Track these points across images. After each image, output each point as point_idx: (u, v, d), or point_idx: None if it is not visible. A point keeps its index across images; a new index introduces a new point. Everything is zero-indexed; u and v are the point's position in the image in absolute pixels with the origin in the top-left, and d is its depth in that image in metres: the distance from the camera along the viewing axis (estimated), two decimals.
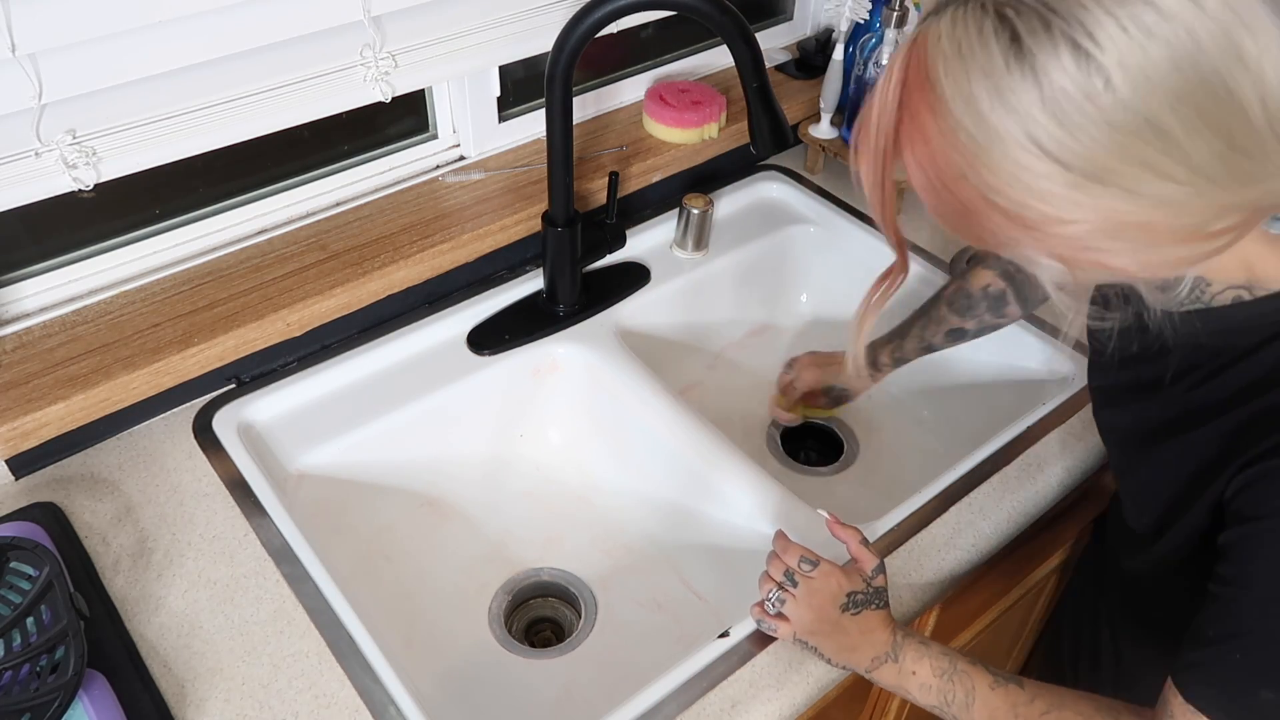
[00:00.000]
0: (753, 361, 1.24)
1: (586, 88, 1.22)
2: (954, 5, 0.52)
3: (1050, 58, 0.48)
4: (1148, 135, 0.49)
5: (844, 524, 0.79)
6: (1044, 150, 0.50)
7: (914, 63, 0.53)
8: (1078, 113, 0.48)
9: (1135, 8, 0.48)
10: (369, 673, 0.76)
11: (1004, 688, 0.72)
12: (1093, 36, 0.48)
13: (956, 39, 0.51)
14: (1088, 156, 0.49)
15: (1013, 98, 0.49)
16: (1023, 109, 0.49)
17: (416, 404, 0.99)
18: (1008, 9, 0.49)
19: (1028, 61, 0.49)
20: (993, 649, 1.21)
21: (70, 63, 0.77)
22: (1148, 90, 0.48)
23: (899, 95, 0.55)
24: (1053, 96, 0.49)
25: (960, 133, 0.52)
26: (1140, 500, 0.75)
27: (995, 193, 0.52)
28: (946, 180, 0.54)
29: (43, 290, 0.93)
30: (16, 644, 0.68)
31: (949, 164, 0.53)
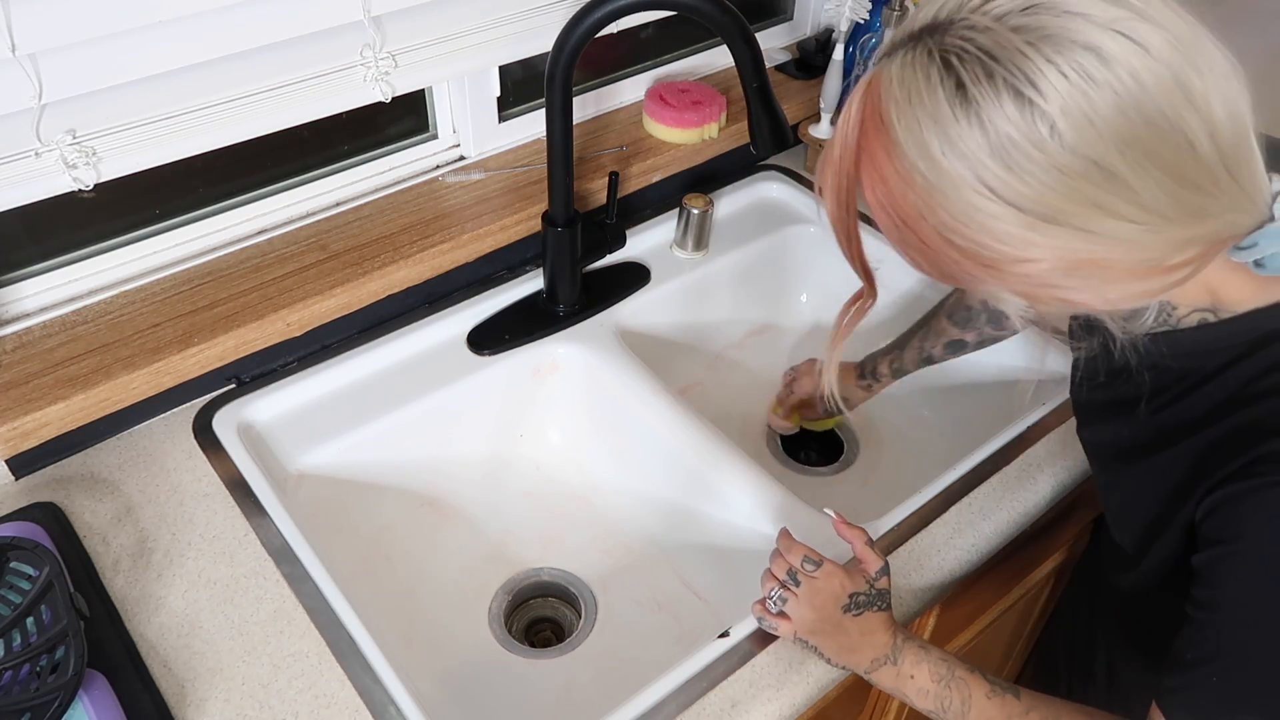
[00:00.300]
0: (753, 361, 1.24)
1: (586, 88, 1.22)
2: (904, 49, 0.53)
3: (994, 106, 0.50)
4: (1096, 177, 0.50)
5: (850, 524, 0.79)
6: (995, 193, 0.51)
7: (870, 104, 0.55)
8: (1025, 159, 0.50)
9: (1077, 54, 0.49)
10: (369, 673, 0.76)
11: (1000, 697, 0.73)
12: (1035, 85, 0.49)
13: (906, 84, 0.52)
14: (1038, 199, 0.50)
15: (961, 144, 0.51)
16: (971, 154, 0.51)
17: (416, 404, 0.99)
18: (952, 56, 0.51)
19: (973, 110, 0.50)
20: (992, 650, 1.21)
21: (70, 63, 0.77)
22: (1092, 135, 0.49)
23: (857, 136, 0.56)
24: (999, 143, 0.50)
25: (915, 175, 0.53)
26: (1120, 519, 0.76)
27: (953, 233, 0.54)
28: (906, 220, 0.56)
29: (43, 290, 0.93)
30: (16, 644, 0.68)
31: (907, 204, 0.55)
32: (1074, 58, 0.49)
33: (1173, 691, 0.64)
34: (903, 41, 0.54)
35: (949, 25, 0.52)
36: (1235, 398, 0.62)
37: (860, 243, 0.62)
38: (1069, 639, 1.04)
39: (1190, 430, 0.65)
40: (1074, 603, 1.07)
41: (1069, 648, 1.03)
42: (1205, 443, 0.64)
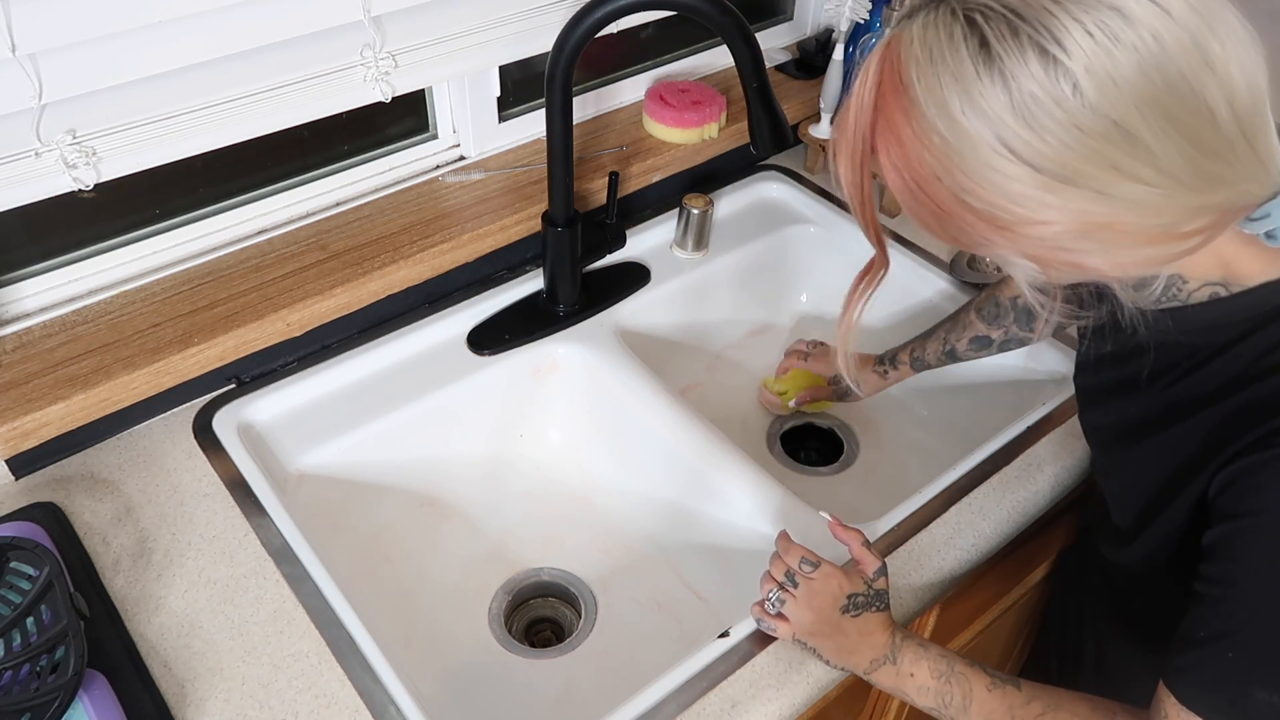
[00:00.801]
0: (753, 361, 1.24)
1: (586, 88, 1.22)
2: (926, 9, 0.53)
3: (1018, 63, 0.50)
4: (1115, 138, 0.50)
5: (846, 526, 0.79)
6: (1014, 153, 0.51)
7: (888, 66, 0.55)
8: (1046, 117, 0.50)
9: (1102, 14, 0.49)
10: (369, 673, 0.76)
11: (1001, 689, 0.73)
12: (1060, 42, 0.49)
13: (928, 44, 0.52)
14: (1057, 159, 0.51)
15: (983, 102, 0.51)
16: (993, 113, 0.51)
17: (416, 404, 0.99)
18: (976, 14, 0.51)
19: (996, 67, 0.50)
20: (992, 649, 1.21)
21: (70, 63, 0.77)
22: (1115, 95, 0.49)
23: (874, 98, 0.56)
24: (1021, 101, 0.50)
25: (933, 135, 0.53)
26: (1123, 499, 0.76)
27: (969, 194, 0.53)
28: (921, 182, 0.55)
29: (43, 290, 0.93)
30: (16, 644, 0.68)
31: (923, 166, 0.54)
32: (1099, 16, 0.49)
33: (1183, 670, 0.63)
34: (924, 3, 0.54)
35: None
36: (1248, 372, 0.62)
37: (874, 208, 0.62)
38: (1059, 623, 1.04)
39: (1201, 405, 0.65)
40: (1064, 588, 1.07)
41: (1059, 631, 1.04)
42: (1218, 417, 0.64)
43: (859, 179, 0.59)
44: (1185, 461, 0.66)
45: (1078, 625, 0.98)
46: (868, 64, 0.56)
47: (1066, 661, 1.00)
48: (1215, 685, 0.62)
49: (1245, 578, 0.60)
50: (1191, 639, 0.63)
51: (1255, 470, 0.60)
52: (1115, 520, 0.78)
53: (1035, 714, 0.71)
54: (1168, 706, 0.64)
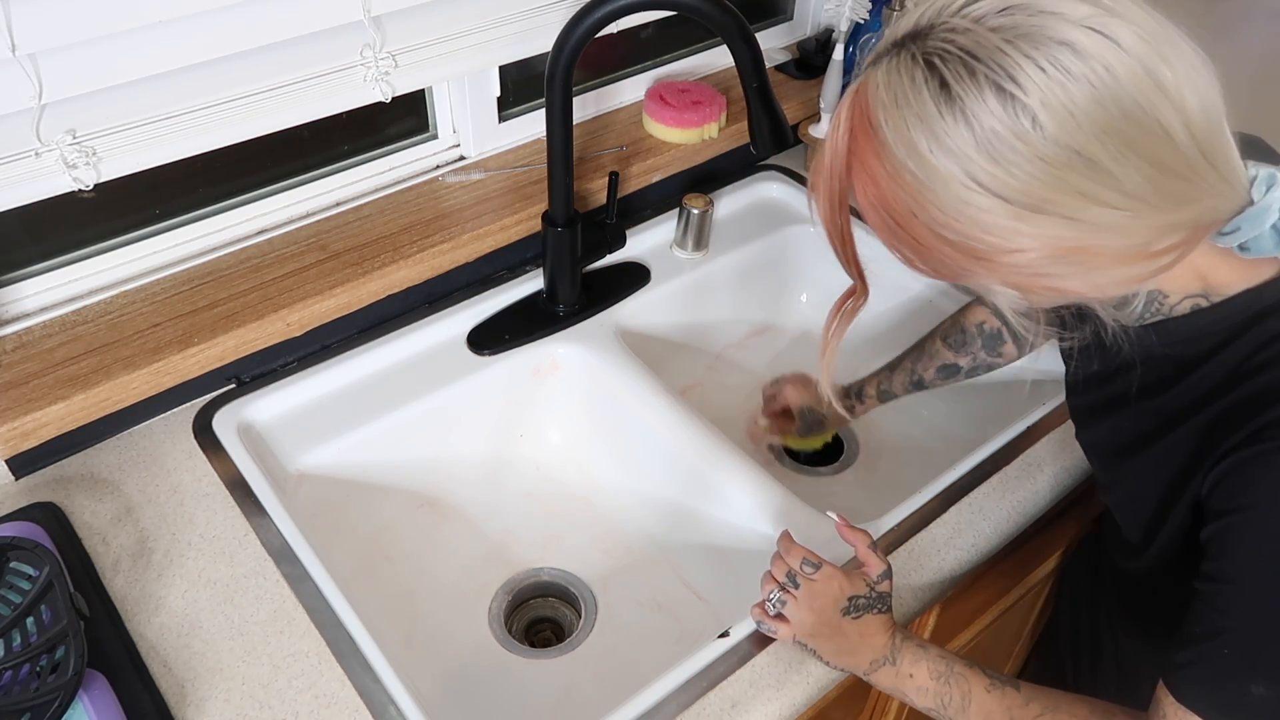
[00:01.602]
0: (753, 362, 1.24)
1: (586, 88, 1.22)
2: (888, 55, 0.56)
3: (978, 102, 0.52)
4: (1078, 166, 0.52)
5: (853, 527, 0.79)
6: (983, 186, 0.53)
7: (858, 110, 0.57)
8: (1010, 150, 0.52)
9: (1053, 50, 0.51)
10: (369, 673, 0.76)
11: (1000, 690, 0.73)
12: (1014, 79, 0.51)
13: (892, 87, 0.55)
14: (1024, 190, 0.53)
15: (948, 140, 0.53)
16: (959, 150, 0.53)
17: (416, 404, 0.99)
18: (935, 58, 0.53)
19: (957, 106, 0.52)
20: (992, 649, 1.21)
21: (70, 63, 0.77)
22: (1073, 125, 0.51)
23: (847, 141, 0.58)
24: (985, 137, 0.52)
25: (905, 174, 0.55)
26: (1128, 512, 0.76)
27: (944, 228, 0.56)
28: (898, 218, 0.58)
29: (43, 290, 0.93)
30: (16, 644, 0.68)
31: (898, 203, 0.57)
32: (1050, 52, 0.51)
33: (1182, 667, 0.64)
34: (886, 49, 0.56)
35: (930, 30, 0.54)
36: (1234, 374, 0.63)
37: (854, 244, 0.64)
38: (1071, 625, 1.04)
39: (1191, 411, 0.66)
40: (1073, 590, 1.07)
41: (1072, 633, 1.03)
42: (1207, 420, 0.64)
43: (837, 218, 0.62)
44: (1182, 468, 0.66)
45: (1093, 628, 0.97)
46: (839, 110, 0.59)
47: (1083, 663, 0.99)
48: (1213, 682, 0.62)
49: (1239, 573, 0.61)
50: (1189, 636, 0.63)
51: (1244, 465, 0.60)
52: (1125, 534, 0.78)
53: (1034, 715, 0.71)
54: (1166, 705, 0.64)
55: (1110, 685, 0.93)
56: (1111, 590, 0.93)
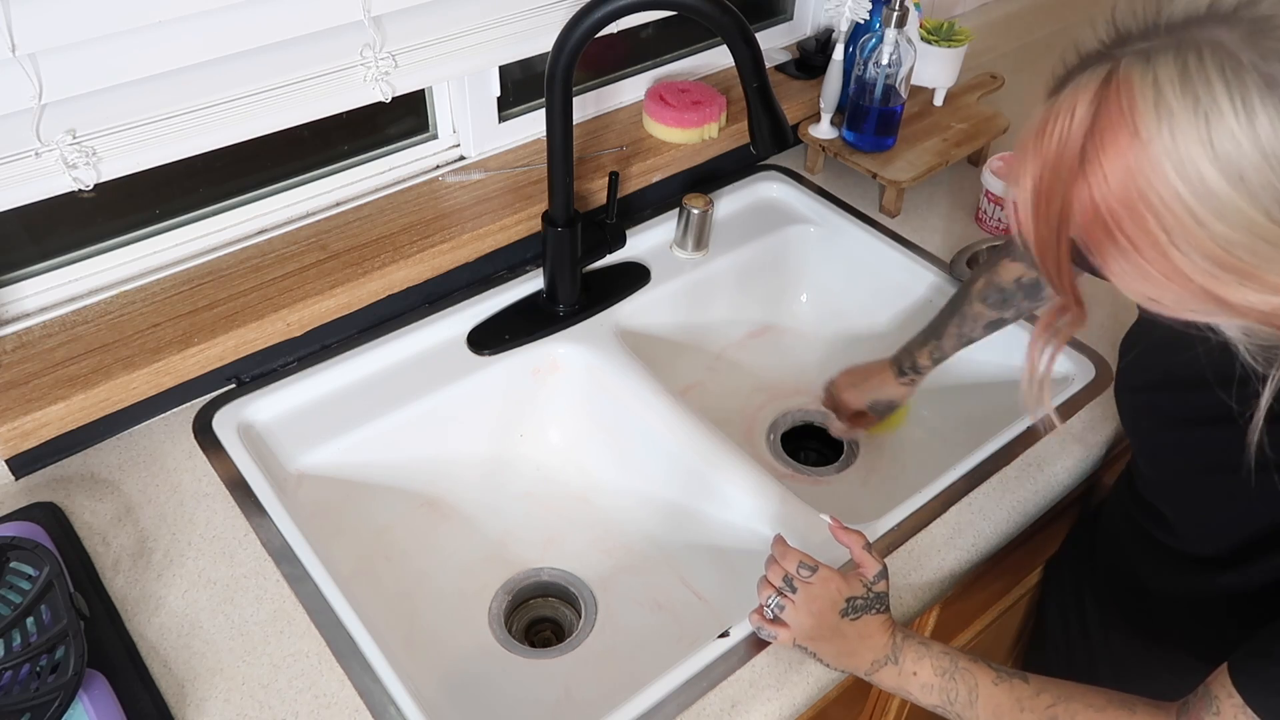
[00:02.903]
0: (753, 362, 1.24)
1: (586, 88, 1.22)
2: (1176, 50, 0.44)
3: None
4: None
5: (847, 528, 0.79)
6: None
7: (1113, 108, 0.46)
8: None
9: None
10: (369, 673, 0.76)
11: (1008, 683, 0.72)
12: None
13: (1193, 97, 0.43)
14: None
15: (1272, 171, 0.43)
16: None
17: (416, 404, 0.99)
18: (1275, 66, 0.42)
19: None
20: (993, 649, 1.21)
21: (70, 63, 0.77)
22: None
23: (1082, 141, 0.48)
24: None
25: (1175, 197, 0.45)
26: (1209, 528, 0.73)
27: (1219, 269, 0.46)
28: (1136, 243, 0.48)
29: (43, 290, 0.93)
30: (16, 644, 0.68)
31: (1146, 226, 0.47)
32: None
33: (1268, 680, 0.62)
34: (1159, 36, 0.45)
35: (1251, 22, 0.43)
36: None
37: (1071, 271, 0.54)
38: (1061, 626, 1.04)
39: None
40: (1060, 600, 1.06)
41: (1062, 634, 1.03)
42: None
43: (1054, 240, 0.51)
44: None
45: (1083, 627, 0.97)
46: (1070, 99, 0.48)
47: (1078, 661, 0.99)
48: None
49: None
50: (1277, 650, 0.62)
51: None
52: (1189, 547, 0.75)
53: (1045, 705, 0.70)
54: (1226, 704, 0.62)
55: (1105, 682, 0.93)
56: (1104, 585, 0.93)
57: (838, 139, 1.27)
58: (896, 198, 1.23)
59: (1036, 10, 1.64)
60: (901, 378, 1.07)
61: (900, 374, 1.07)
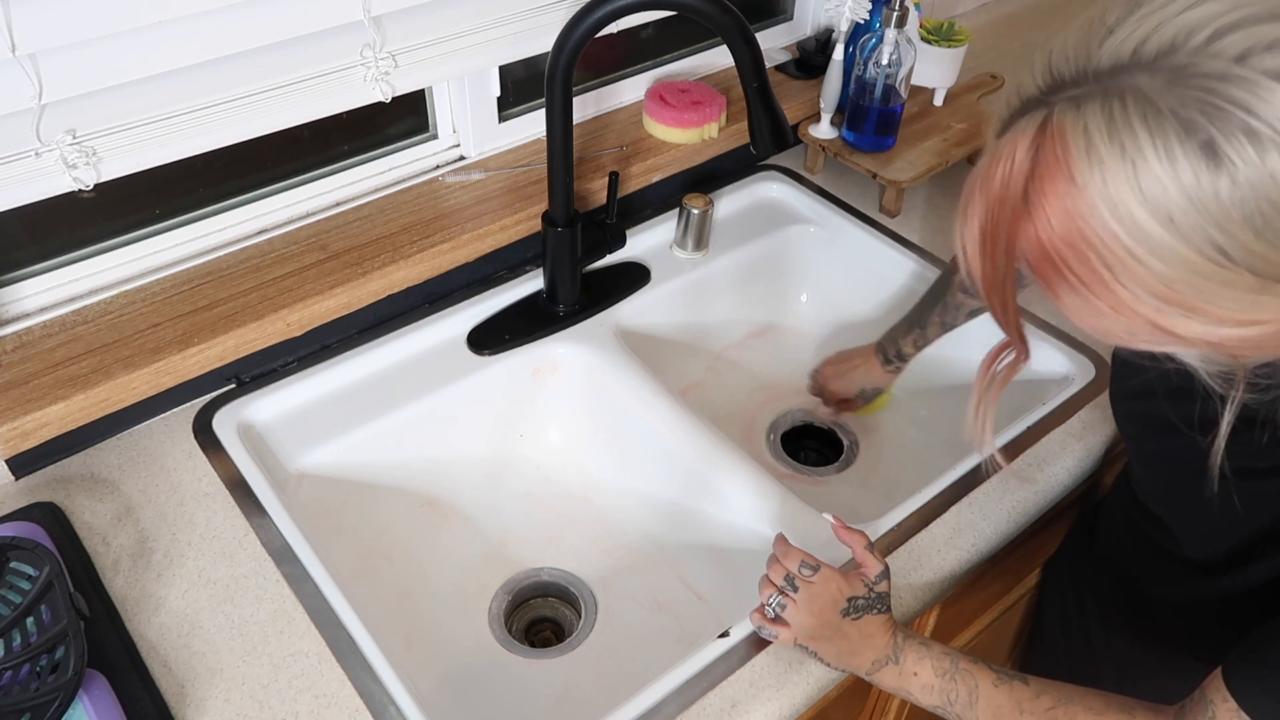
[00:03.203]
0: (753, 362, 1.24)
1: (586, 88, 1.22)
2: (1102, 97, 0.46)
3: (1257, 169, 0.43)
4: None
5: (849, 528, 0.79)
6: (1234, 262, 0.45)
7: (1049, 154, 0.47)
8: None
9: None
10: (369, 673, 0.76)
11: (1008, 684, 0.72)
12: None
13: (1118, 139, 0.45)
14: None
15: (1204, 212, 0.44)
16: (1217, 222, 0.44)
17: (417, 404, 0.99)
18: (1193, 111, 0.43)
19: (1226, 173, 0.43)
20: (993, 650, 1.21)
21: (70, 63, 0.77)
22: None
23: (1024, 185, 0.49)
24: (1256, 209, 0.43)
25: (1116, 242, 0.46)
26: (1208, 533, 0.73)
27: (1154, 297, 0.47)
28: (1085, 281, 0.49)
29: (43, 290, 0.93)
30: (16, 644, 0.68)
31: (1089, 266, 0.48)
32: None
33: (1260, 680, 0.62)
34: (1089, 83, 0.46)
35: (1170, 71, 0.44)
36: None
37: (1017, 308, 0.55)
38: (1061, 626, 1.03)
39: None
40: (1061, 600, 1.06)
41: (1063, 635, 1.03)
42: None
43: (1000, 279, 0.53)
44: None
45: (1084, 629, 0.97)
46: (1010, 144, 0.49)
47: (1078, 663, 0.99)
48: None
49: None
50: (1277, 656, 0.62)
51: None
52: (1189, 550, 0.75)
53: (1045, 708, 0.70)
54: (1221, 709, 0.63)
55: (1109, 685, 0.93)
56: (1106, 591, 0.93)
57: (838, 139, 1.27)
58: (896, 198, 1.23)
59: (1036, 10, 1.64)
60: (887, 365, 1.09)
61: (886, 362, 1.09)
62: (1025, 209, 0.49)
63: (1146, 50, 0.45)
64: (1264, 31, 0.43)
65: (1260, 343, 0.48)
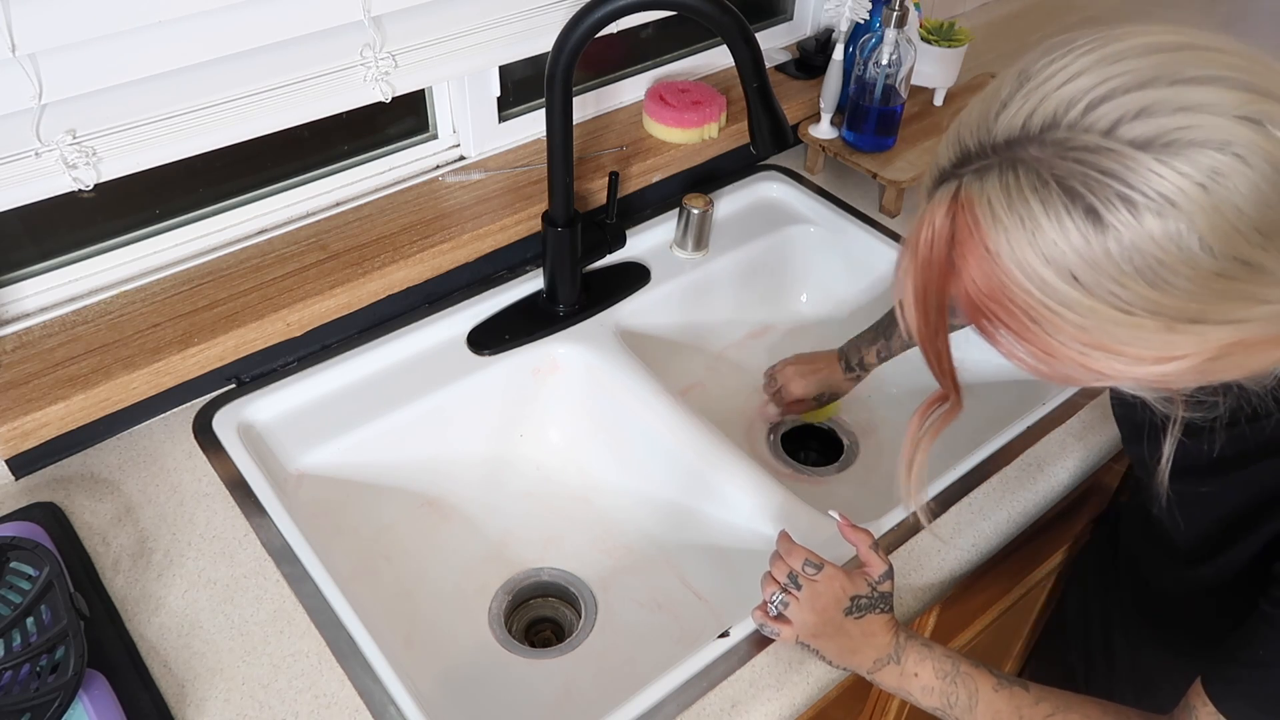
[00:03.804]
0: (753, 362, 1.24)
1: (586, 88, 1.22)
2: (998, 167, 0.49)
3: (1136, 231, 0.46)
4: (1243, 274, 0.47)
5: (855, 526, 0.79)
6: (1139, 310, 0.48)
7: (963, 226, 0.51)
8: (1172, 275, 0.47)
9: (1210, 157, 0.45)
10: (369, 673, 0.76)
11: (1008, 690, 0.72)
12: (1173, 202, 0.46)
13: (1016, 211, 0.48)
14: (1183, 307, 0.48)
15: (1099, 271, 0.47)
16: (1113, 279, 0.47)
17: (417, 404, 0.99)
18: (1074, 182, 0.47)
19: (1111, 235, 0.47)
20: (993, 649, 1.21)
21: (70, 63, 0.77)
22: (1239, 237, 0.46)
23: (946, 252, 0.53)
24: (1146, 265, 0.47)
25: (1034, 302, 0.50)
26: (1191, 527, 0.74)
27: (1081, 345, 0.51)
28: (1021, 335, 0.52)
29: (43, 290, 0.93)
30: (16, 644, 0.68)
31: (1016, 323, 0.51)
32: (1208, 161, 0.45)
33: (1233, 683, 0.63)
34: (988, 156, 0.50)
35: (1053, 144, 0.48)
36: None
37: (951, 359, 0.59)
38: (1082, 627, 1.03)
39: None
40: (1082, 590, 1.06)
41: (1083, 636, 1.03)
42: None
43: (931, 327, 0.56)
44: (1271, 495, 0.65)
45: (1105, 632, 0.97)
46: (929, 215, 0.53)
47: (1097, 669, 0.99)
48: (1265, 704, 0.62)
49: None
50: (1249, 656, 0.62)
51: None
52: (1178, 544, 0.76)
53: (1044, 714, 0.71)
54: (1201, 713, 0.63)
55: (1127, 693, 0.92)
56: (1127, 594, 0.93)
57: (838, 139, 1.27)
58: (896, 198, 1.23)
59: (1037, 10, 1.64)
60: (848, 373, 1.10)
61: (848, 369, 1.10)
62: (951, 269, 0.53)
63: (1033, 124, 0.49)
64: (1130, 101, 0.46)
65: (1182, 375, 0.51)
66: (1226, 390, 0.63)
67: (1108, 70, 0.47)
